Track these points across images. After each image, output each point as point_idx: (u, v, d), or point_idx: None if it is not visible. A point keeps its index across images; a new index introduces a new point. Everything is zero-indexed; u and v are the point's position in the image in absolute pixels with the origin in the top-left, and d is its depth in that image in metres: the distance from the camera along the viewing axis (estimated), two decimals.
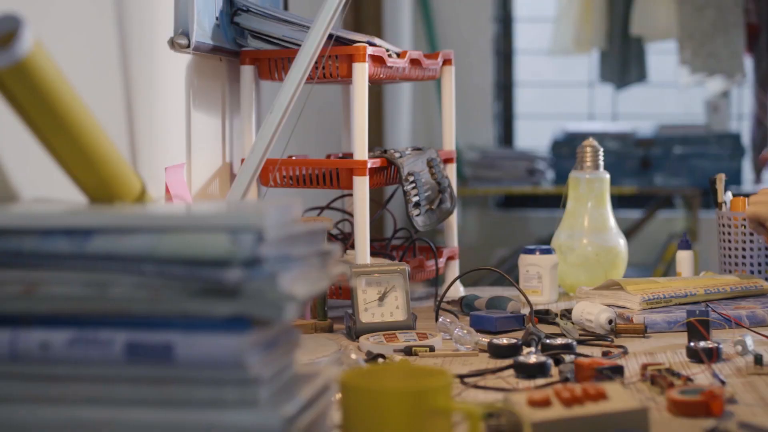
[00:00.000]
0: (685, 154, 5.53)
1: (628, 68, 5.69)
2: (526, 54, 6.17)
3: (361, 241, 2.25)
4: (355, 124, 2.25)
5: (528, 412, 1.35)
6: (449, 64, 2.58)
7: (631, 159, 5.53)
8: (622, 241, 2.57)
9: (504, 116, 6.15)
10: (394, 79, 2.45)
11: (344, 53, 2.24)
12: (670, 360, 1.86)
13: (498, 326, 2.10)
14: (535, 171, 5.49)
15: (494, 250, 5.60)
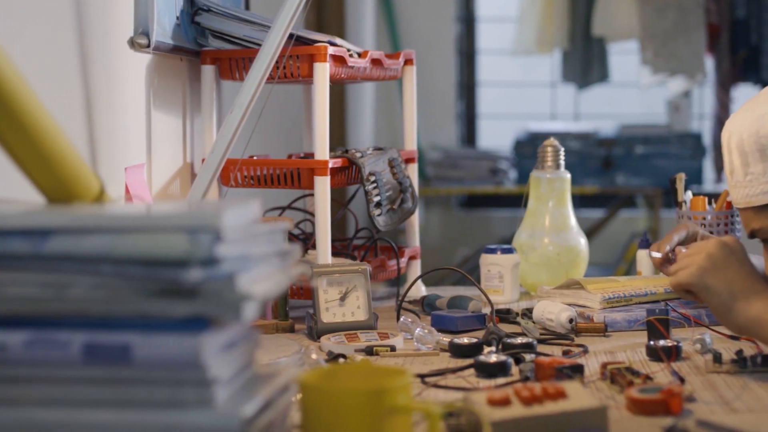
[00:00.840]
0: (646, 153, 5.56)
1: (590, 68, 5.71)
2: (489, 54, 6.18)
3: (322, 241, 2.25)
4: (316, 124, 2.24)
5: (487, 412, 1.35)
6: (411, 64, 2.58)
7: (593, 159, 5.55)
8: (583, 240, 2.58)
9: (467, 116, 6.16)
10: (355, 79, 2.44)
11: (305, 53, 2.23)
12: (630, 359, 1.87)
13: (459, 326, 2.11)
14: (498, 171, 5.51)
15: (457, 249, 5.60)
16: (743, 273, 1.73)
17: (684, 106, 5.72)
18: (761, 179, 1.78)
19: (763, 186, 1.78)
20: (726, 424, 1.32)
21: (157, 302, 1.13)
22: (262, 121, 2.37)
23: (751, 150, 1.79)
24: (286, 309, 2.16)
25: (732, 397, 1.60)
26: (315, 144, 2.25)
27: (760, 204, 1.80)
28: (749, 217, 1.84)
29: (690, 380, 1.70)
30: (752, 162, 1.79)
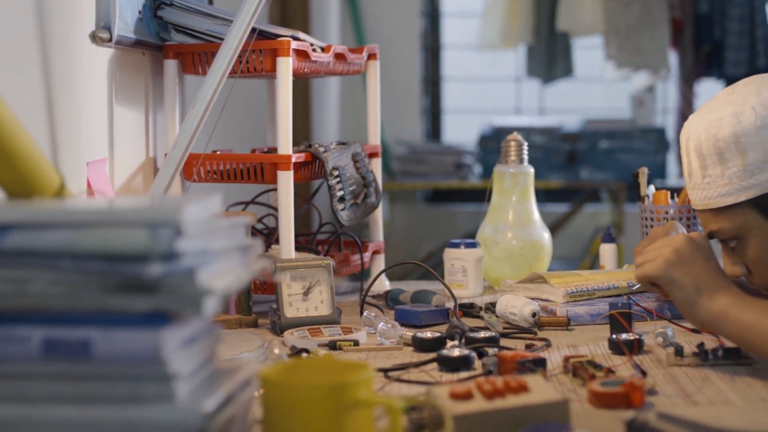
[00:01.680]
0: (610, 148, 5.58)
1: (555, 63, 5.73)
2: (454, 49, 6.19)
3: (285, 235, 2.24)
4: (279, 119, 2.24)
5: (450, 405, 1.35)
6: (374, 59, 2.58)
7: (557, 153, 5.57)
8: (546, 234, 2.58)
9: (431, 111, 6.17)
10: (318, 73, 2.44)
11: (268, 47, 2.23)
12: (593, 352, 1.88)
13: (422, 320, 2.11)
14: (463, 165, 5.52)
15: (422, 244, 5.61)
16: (708, 268, 1.74)
17: (648, 100, 5.74)
18: (719, 182, 1.80)
19: (721, 189, 1.80)
20: (686, 417, 1.33)
21: (118, 297, 1.13)
22: (226, 116, 2.37)
23: (709, 153, 1.80)
24: (250, 304, 2.16)
25: (693, 389, 1.61)
26: (278, 139, 2.24)
27: (717, 206, 1.82)
28: (707, 219, 1.86)
29: (652, 373, 1.71)
30: (710, 165, 1.81)
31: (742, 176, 1.77)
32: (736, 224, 1.81)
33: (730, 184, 1.79)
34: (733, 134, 1.77)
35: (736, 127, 1.77)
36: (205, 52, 2.30)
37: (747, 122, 1.77)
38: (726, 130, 1.78)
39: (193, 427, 1.12)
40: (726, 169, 1.79)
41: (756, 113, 1.77)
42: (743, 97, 1.80)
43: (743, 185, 1.78)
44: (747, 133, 1.77)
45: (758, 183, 1.77)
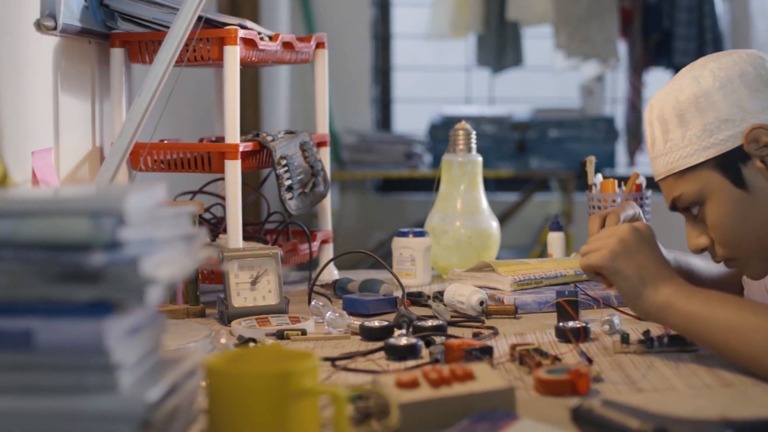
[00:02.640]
0: (560, 137, 5.60)
1: (505, 52, 5.73)
2: (404, 38, 6.19)
3: (233, 224, 2.23)
4: (227, 108, 2.23)
5: (396, 394, 1.35)
6: (322, 48, 2.57)
7: (507, 142, 5.59)
8: (494, 223, 2.59)
9: (382, 100, 6.16)
10: (266, 62, 2.43)
11: (215, 36, 2.22)
12: (540, 340, 1.89)
13: (370, 309, 2.11)
14: (413, 155, 5.52)
15: (373, 233, 5.61)
16: (653, 259, 1.75)
17: (597, 90, 5.76)
18: (680, 144, 1.81)
19: (682, 150, 1.81)
20: (630, 404, 1.34)
21: (60, 287, 1.12)
22: (173, 105, 2.35)
23: (671, 116, 1.82)
24: (197, 293, 2.15)
25: (638, 376, 1.62)
26: (226, 128, 2.23)
27: (680, 169, 1.83)
28: (670, 186, 1.86)
29: (598, 361, 1.72)
30: (672, 128, 1.83)
31: (702, 136, 1.80)
32: (698, 186, 1.82)
33: (690, 145, 1.81)
34: (693, 95, 1.80)
35: (695, 89, 1.80)
36: (151, 40, 2.29)
37: (705, 83, 1.80)
38: (686, 92, 1.81)
39: (136, 417, 1.11)
40: (687, 131, 1.81)
41: (714, 74, 1.80)
42: (702, 63, 1.84)
43: (703, 145, 1.80)
44: (705, 93, 1.79)
45: (717, 142, 1.79)
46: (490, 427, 1.32)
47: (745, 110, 1.78)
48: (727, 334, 1.62)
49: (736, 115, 1.78)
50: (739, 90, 1.79)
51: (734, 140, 1.78)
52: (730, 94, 1.78)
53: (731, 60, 1.82)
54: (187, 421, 1.28)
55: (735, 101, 1.78)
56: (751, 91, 1.78)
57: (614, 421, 1.28)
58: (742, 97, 1.78)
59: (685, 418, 1.28)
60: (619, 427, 1.27)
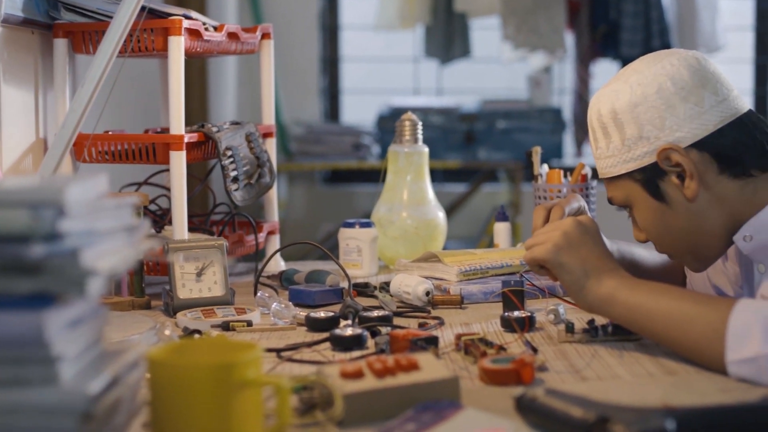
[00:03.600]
0: (508, 128, 5.61)
1: (453, 44, 5.74)
2: (352, 29, 6.18)
3: (178, 216, 2.22)
4: (171, 99, 2.22)
5: (340, 385, 1.35)
6: (268, 38, 2.56)
7: (455, 133, 5.59)
8: (441, 213, 2.59)
9: (330, 91, 6.15)
10: (211, 53, 2.42)
11: (159, 26, 2.21)
12: (485, 330, 1.89)
13: (316, 300, 2.11)
14: (361, 146, 5.52)
15: (321, 224, 5.60)
16: (596, 252, 1.77)
17: (544, 81, 5.78)
18: (605, 153, 1.86)
19: (607, 160, 1.86)
20: (574, 392, 1.34)
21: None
22: (119, 96, 2.34)
23: (597, 126, 1.86)
24: (142, 285, 2.14)
25: (582, 365, 1.63)
26: (170, 119, 2.22)
27: (607, 176, 1.88)
28: (606, 187, 1.91)
29: (543, 350, 1.72)
30: (599, 137, 1.86)
31: (622, 149, 1.83)
32: (624, 194, 1.87)
33: (613, 157, 1.84)
34: (612, 110, 1.83)
35: (615, 103, 1.82)
36: (95, 30, 2.27)
37: (623, 99, 1.82)
38: (606, 106, 1.84)
39: (77, 410, 1.11)
40: (609, 142, 1.84)
41: (632, 90, 1.81)
42: (626, 74, 1.85)
43: (623, 158, 1.83)
44: (623, 109, 1.82)
45: (635, 157, 1.82)
46: (435, 417, 1.32)
47: (660, 128, 1.79)
48: (669, 324, 1.63)
49: (651, 133, 1.80)
50: (657, 107, 1.80)
51: (650, 156, 1.81)
52: (645, 111, 1.80)
53: (652, 73, 1.81)
54: (130, 413, 1.27)
55: (649, 119, 1.80)
56: (668, 107, 1.79)
57: (557, 410, 1.29)
58: (656, 116, 1.79)
59: (627, 406, 1.28)
60: (562, 416, 1.27)
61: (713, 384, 1.52)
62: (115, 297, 2.13)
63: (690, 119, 1.79)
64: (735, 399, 1.42)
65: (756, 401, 1.30)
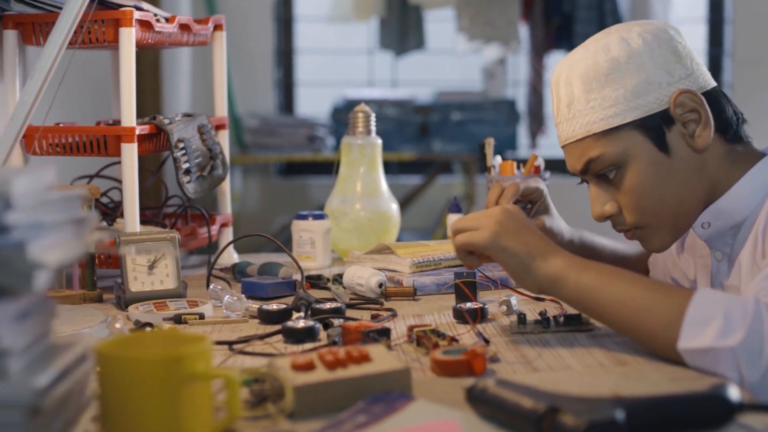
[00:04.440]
0: (462, 120, 5.62)
1: (407, 35, 5.74)
2: (306, 21, 6.17)
3: (130, 208, 2.21)
4: (122, 90, 2.20)
5: (291, 377, 1.35)
6: (220, 30, 2.55)
7: (410, 125, 5.60)
8: (394, 205, 2.59)
9: (284, 83, 6.14)
10: (163, 44, 2.41)
11: (110, 17, 2.19)
12: (438, 321, 1.89)
13: (269, 292, 2.10)
14: (316, 138, 5.51)
15: (276, 217, 5.59)
16: (536, 235, 1.75)
17: (499, 73, 5.80)
18: (605, 104, 1.82)
19: (607, 110, 1.82)
20: (524, 383, 1.35)
21: None
22: (72, 88, 2.32)
23: (596, 76, 1.83)
24: (94, 279, 2.13)
25: (534, 356, 1.64)
26: (121, 111, 2.21)
27: (602, 130, 1.83)
28: (586, 147, 1.86)
29: (495, 341, 1.73)
30: (596, 88, 1.83)
31: (629, 97, 1.81)
32: (620, 148, 1.83)
33: (617, 105, 1.82)
34: (623, 56, 1.81)
35: (625, 50, 1.81)
36: (45, 22, 2.25)
37: (635, 45, 1.82)
38: (614, 52, 1.82)
39: (24, 404, 1.10)
40: (613, 91, 1.82)
41: (643, 38, 1.82)
42: (627, 26, 1.86)
43: (630, 106, 1.81)
44: (635, 54, 1.81)
45: (645, 104, 1.81)
46: (386, 409, 1.33)
47: (671, 75, 1.81)
48: (621, 310, 1.63)
49: (663, 79, 1.81)
50: (667, 55, 1.82)
51: (661, 103, 1.80)
52: (658, 57, 1.81)
53: (656, 26, 1.85)
54: (79, 407, 1.27)
55: (662, 64, 1.81)
56: (676, 58, 1.82)
57: (508, 401, 1.29)
58: (669, 62, 1.82)
59: (578, 397, 1.29)
60: (513, 407, 1.28)
61: (663, 374, 1.53)
62: (67, 290, 2.12)
63: (693, 72, 1.83)
64: (684, 388, 1.43)
65: (705, 390, 1.31)
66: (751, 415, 1.32)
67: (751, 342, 1.49)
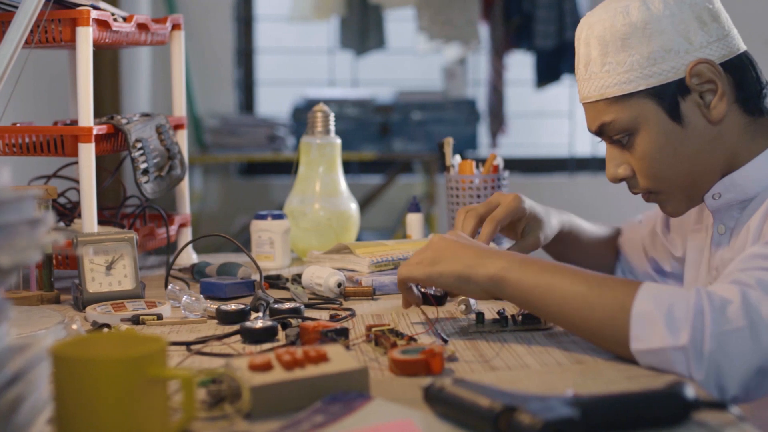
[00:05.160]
0: (423, 119, 5.63)
1: (368, 35, 5.75)
2: (267, 20, 6.16)
3: (87, 209, 2.20)
4: (79, 90, 2.19)
5: (248, 377, 1.35)
6: (179, 29, 2.54)
7: (370, 125, 5.60)
8: (353, 205, 2.59)
9: (245, 83, 6.13)
10: (121, 44, 2.39)
11: (67, 17, 2.17)
12: (396, 321, 1.89)
13: (228, 292, 2.10)
14: (276, 138, 5.51)
15: (237, 217, 5.58)
16: (473, 247, 1.75)
17: (459, 72, 5.81)
18: (619, 69, 1.81)
19: (621, 76, 1.81)
20: (482, 382, 1.35)
21: None
22: (29, 88, 2.31)
23: (613, 39, 1.81)
24: (51, 279, 2.11)
25: (492, 355, 1.64)
26: (79, 111, 2.19)
27: (615, 95, 1.83)
28: (600, 111, 1.86)
29: (453, 340, 1.73)
30: (612, 51, 1.82)
31: (645, 64, 1.80)
32: (632, 115, 1.83)
33: (631, 71, 1.81)
34: (641, 20, 1.79)
35: (644, 14, 1.80)
36: (1, 21, 2.23)
37: (656, 10, 1.80)
38: (633, 17, 1.80)
39: None
40: (628, 56, 1.80)
41: (665, 2, 1.80)
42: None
43: (645, 73, 1.80)
44: (654, 19, 1.79)
45: (660, 72, 1.79)
46: (343, 409, 1.33)
47: (690, 42, 1.79)
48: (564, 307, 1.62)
49: (681, 47, 1.79)
50: (689, 21, 1.79)
51: (677, 72, 1.79)
52: (679, 23, 1.79)
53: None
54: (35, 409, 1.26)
55: (682, 31, 1.79)
56: (700, 24, 1.80)
57: (465, 399, 1.29)
58: (690, 29, 1.79)
59: (535, 395, 1.29)
60: (470, 405, 1.28)
61: (620, 372, 1.53)
62: (24, 291, 2.10)
63: (718, 38, 1.81)
64: (641, 386, 1.44)
65: (661, 388, 1.32)
66: (707, 412, 1.33)
67: (695, 339, 1.49)
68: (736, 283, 1.55)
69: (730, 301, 1.51)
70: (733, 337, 1.48)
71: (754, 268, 1.56)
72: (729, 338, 1.48)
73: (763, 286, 1.52)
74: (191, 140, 5.52)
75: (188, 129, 2.50)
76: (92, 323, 1.87)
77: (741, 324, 1.48)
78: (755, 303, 1.50)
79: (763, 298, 1.50)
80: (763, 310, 1.49)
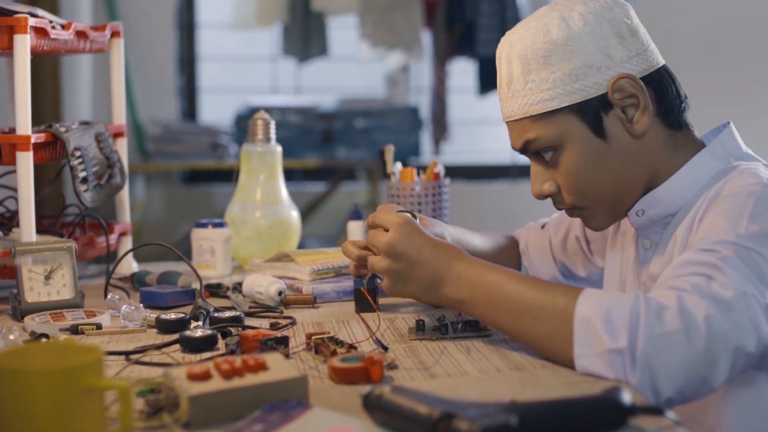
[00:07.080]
0: (366, 127, 5.64)
1: (311, 42, 5.75)
2: (209, 27, 6.14)
3: (25, 218, 2.18)
4: (17, 98, 2.17)
5: (186, 386, 1.34)
6: (118, 37, 2.52)
7: (313, 132, 5.60)
8: (294, 213, 2.59)
9: (187, 90, 6.10)
10: (59, 51, 2.38)
11: (4, 24, 2.16)
12: (337, 329, 1.89)
13: (168, 301, 2.09)
14: (219, 145, 5.49)
15: (180, 225, 5.56)
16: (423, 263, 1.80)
17: (402, 80, 5.83)
18: (542, 86, 1.81)
19: (544, 93, 1.81)
20: (420, 389, 1.35)
21: None
22: None
23: (535, 57, 1.81)
24: None
25: (432, 362, 1.64)
26: (16, 119, 2.18)
27: (538, 112, 1.83)
28: (524, 128, 1.86)
29: (393, 348, 1.73)
30: (534, 69, 1.82)
31: (566, 81, 1.80)
32: (556, 131, 1.83)
33: (554, 89, 1.81)
34: (561, 38, 1.80)
35: (564, 31, 1.80)
36: None
37: (575, 27, 1.80)
38: (554, 34, 1.80)
39: None
40: (551, 74, 1.81)
41: (584, 18, 1.80)
42: (569, 5, 1.83)
43: (567, 90, 1.80)
44: (575, 36, 1.79)
45: (582, 88, 1.80)
46: (282, 417, 1.32)
47: (611, 58, 1.80)
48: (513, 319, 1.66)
49: (602, 62, 1.80)
50: (608, 36, 1.80)
51: (599, 87, 1.80)
52: (599, 39, 1.80)
53: (599, 5, 1.82)
54: None
55: (603, 47, 1.80)
56: (619, 39, 1.81)
57: (404, 407, 1.29)
58: (611, 44, 1.80)
59: (473, 402, 1.30)
60: (408, 413, 1.28)
61: (559, 378, 1.54)
62: None
63: (638, 53, 1.82)
64: (580, 392, 1.44)
65: (599, 394, 1.33)
66: (643, 417, 1.34)
67: (631, 342, 1.50)
68: (672, 288, 1.56)
69: (667, 306, 1.52)
70: (667, 340, 1.49)
71: (688, 273, 1.58)
72: (663, 341, 1.49)
73: (698, 290, 1.53)
74: (133, 148, 5.49)
75: (130, 137, 2.49)
76: (30, 333, 1.85)
77: (676, 327, 1.49)
78: (691, 307, 1.51)
79: (699, 303, 1.51)
80: (698, 313, 1.50)
